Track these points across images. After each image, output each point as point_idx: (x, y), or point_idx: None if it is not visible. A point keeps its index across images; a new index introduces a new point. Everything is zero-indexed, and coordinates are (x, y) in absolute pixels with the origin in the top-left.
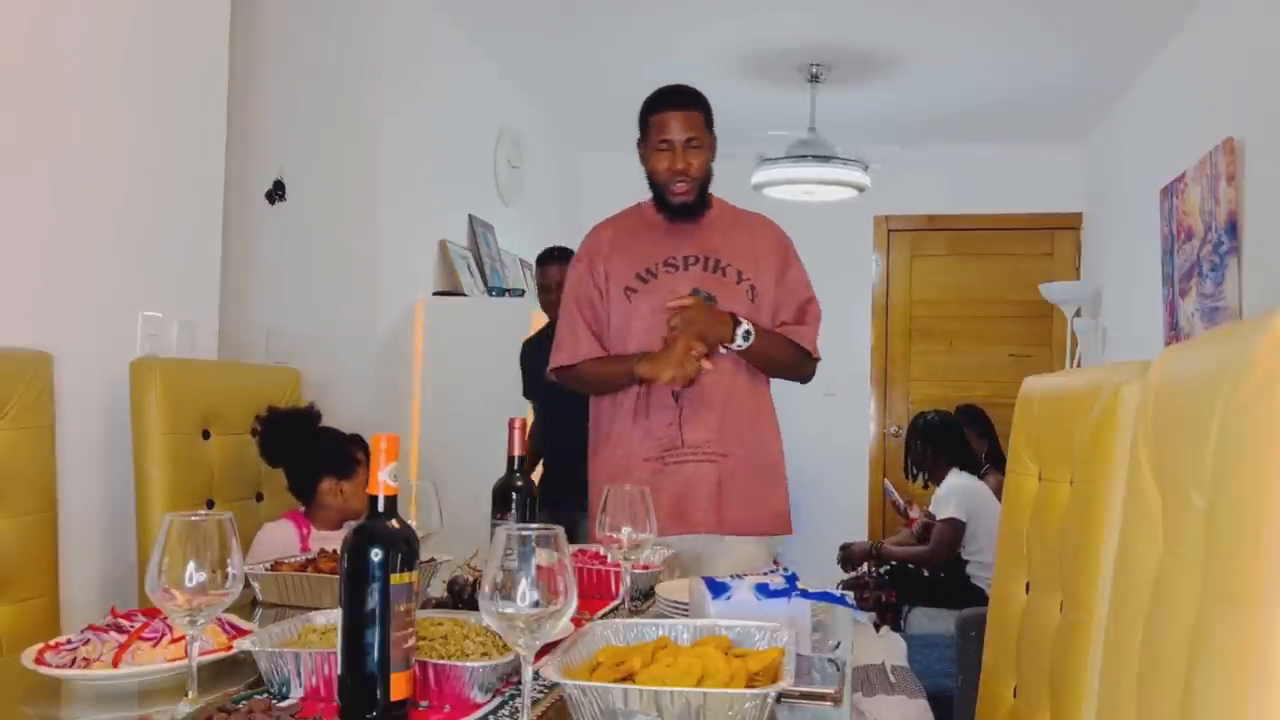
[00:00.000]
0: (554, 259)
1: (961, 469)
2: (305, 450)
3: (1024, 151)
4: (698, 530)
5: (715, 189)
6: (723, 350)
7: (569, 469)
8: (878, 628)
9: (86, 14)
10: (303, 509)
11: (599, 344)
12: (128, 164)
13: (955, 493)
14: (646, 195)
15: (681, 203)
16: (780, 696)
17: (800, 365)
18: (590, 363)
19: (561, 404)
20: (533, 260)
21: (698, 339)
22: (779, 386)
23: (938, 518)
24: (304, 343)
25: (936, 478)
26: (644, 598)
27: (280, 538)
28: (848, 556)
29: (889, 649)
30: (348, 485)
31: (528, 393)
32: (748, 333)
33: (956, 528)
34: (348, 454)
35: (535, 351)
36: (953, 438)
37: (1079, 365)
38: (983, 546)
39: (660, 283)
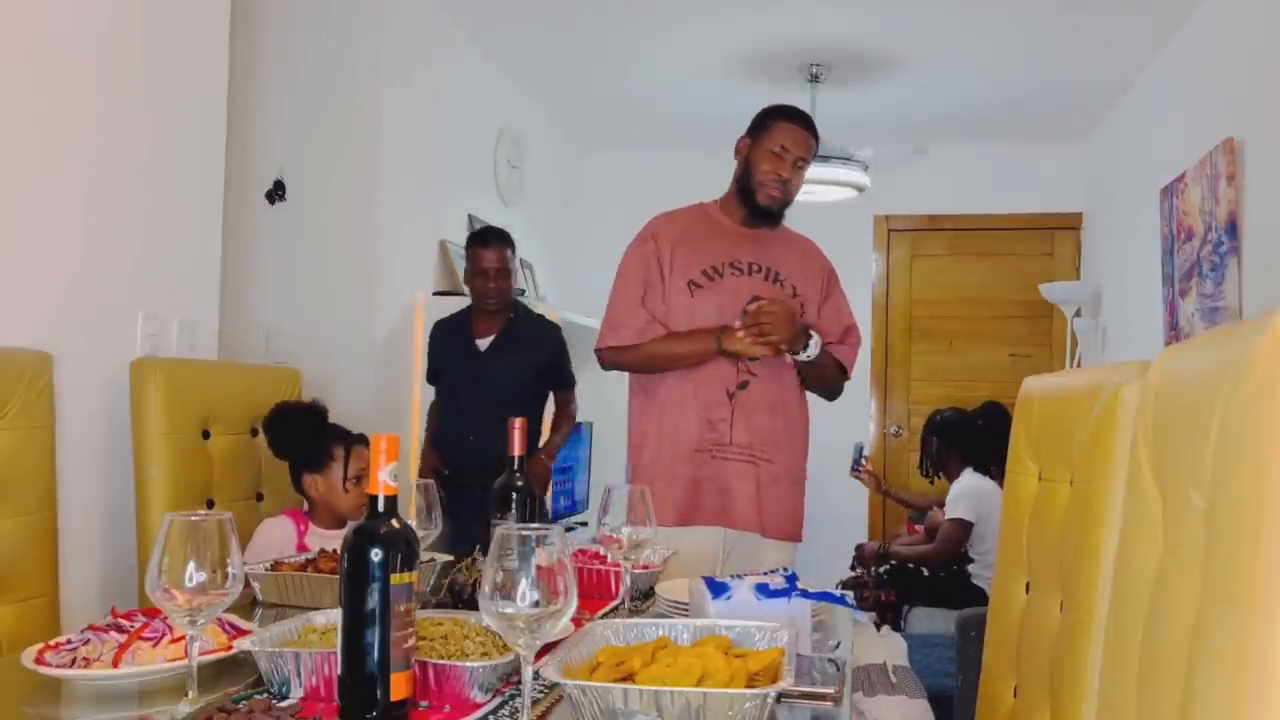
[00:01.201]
0: (490, 241)
1: (976, 468)
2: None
3: (1024, 151)
4: (740, 527)
5: (714, 189)
6: (789, 358)
7: (472, 457)
8: (878, 627)
9: (87, 15)
10: (305, 507)
11: (659, 325)
12: (128, 164)
13: (966, 494)
14: (648, 195)
15: (769, 207)
16: (780, 696)
17: (838, 385)
18: (659, 341)
19: (465, 394)
20: (533, 260)
21: (782, 334)
22: None
23: (947, 516)
24: (303, 343)
25: (950, 475)
26: (644, 598)
27: (277, 534)
28: (861, 558)
29: (890, 649)
30: (321, 480)
31: (429, 379)
32: (818, 344)
33: (964, 528)
34: (324, 448)
35: (436, 343)
36: (968, 436)
37: (1079, 365)
38: (990, 548)
39: (725, 283)
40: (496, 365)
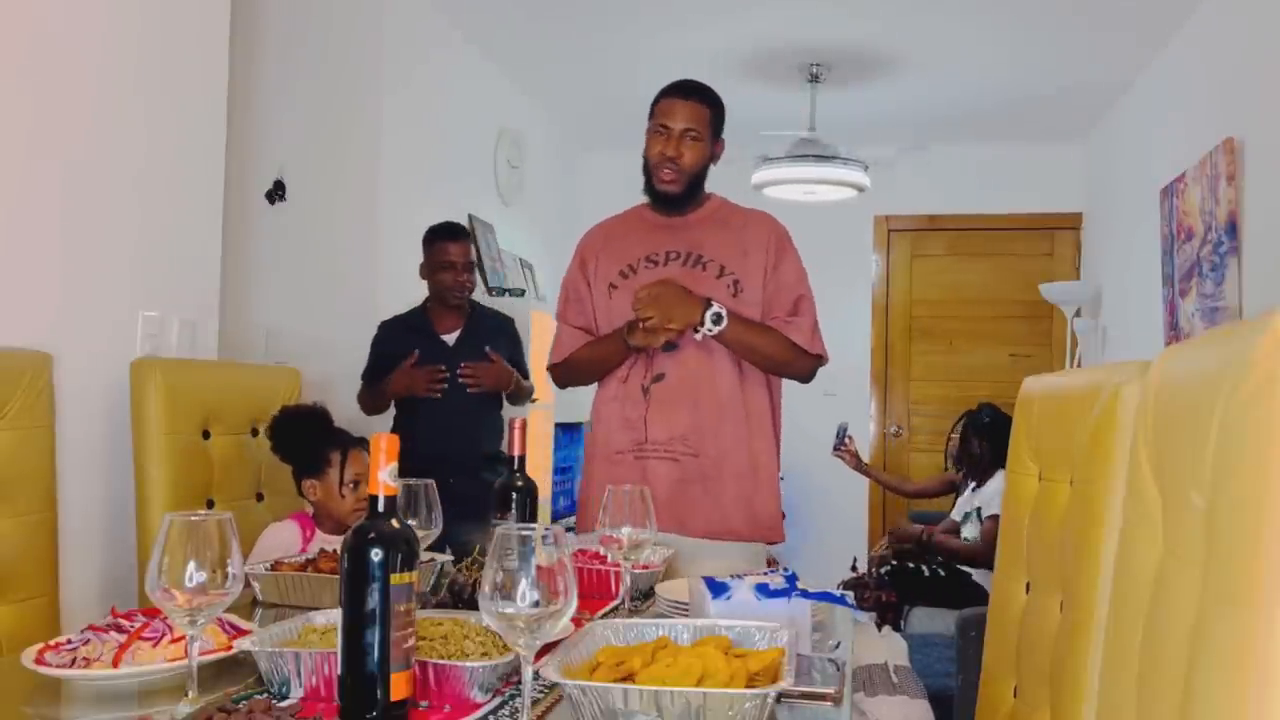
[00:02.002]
0: (457, 236)
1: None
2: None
3: (1024, 151)
4: (659, 528)
5: (714, 189)
6: (695, 336)
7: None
8: (879, 627)
9: (87, 15)
10: (311, 511)
11: (586, 335)
12: (128, 164)
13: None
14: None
15: (665, 191)
16: (780, 696)
17: (795, 360)
18: (580, 350)
19: (410, 401)
20: (533, 260)
21: (663, 314)
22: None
23: (987, 515)
24: (304, 343)
25: (982, 476)
26: (644, 598)
27: (284, 538)
28: (897, 536)
29: (891, 648)
30: (319, 485)
31: (372, 378)
32: (718, 315)
33: None
34: (321, 453)
35: (392, 338)
36: (1005, 437)
37: (1079, 365)
38: None
39: (639, 278)
40: (469, 357)
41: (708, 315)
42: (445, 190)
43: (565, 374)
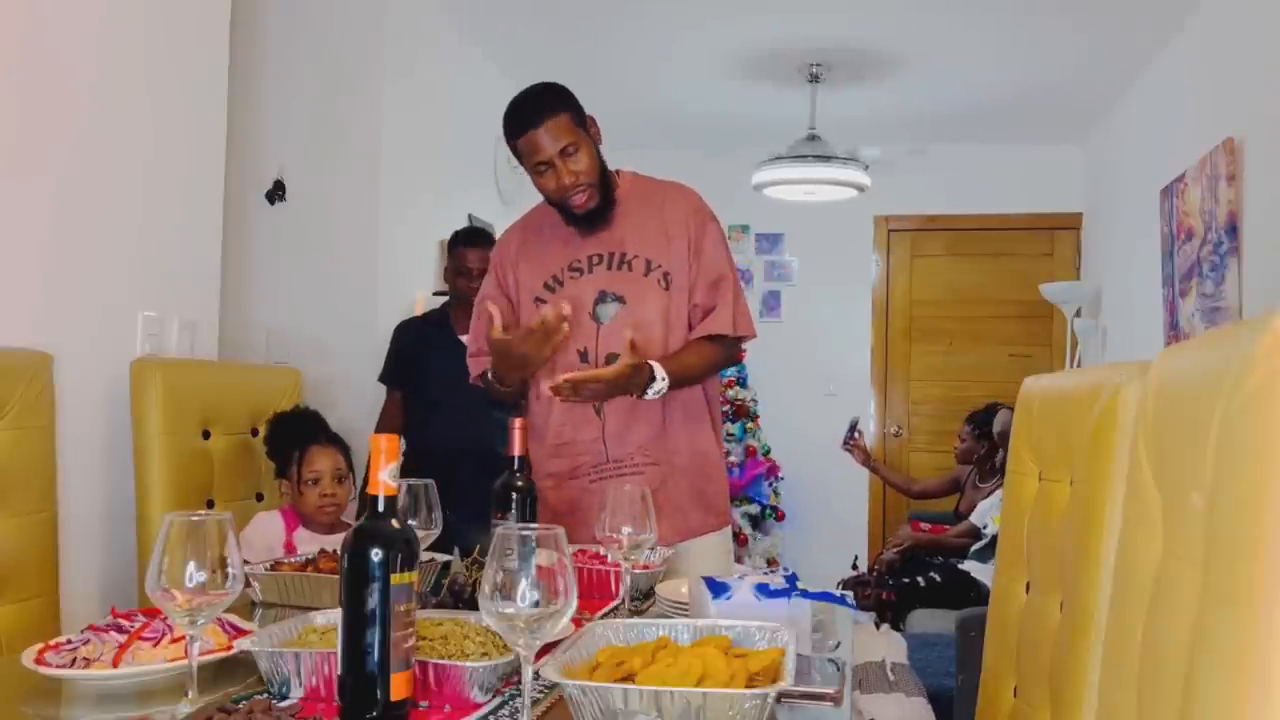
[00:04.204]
0: (477, 242)
1: None
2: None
3: (1024, 151)
4: None
5: (715, 189)
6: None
7: (440, 470)
8: (878, 626)
9: (87, 15)
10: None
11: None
12: (128, 164)
13: None
14: None
15: (586, 212)
16: (780, 696)
17: (723, 360)
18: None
19: (452, 390)
20: None
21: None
22: (771, 385)
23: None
24: (304, 343)
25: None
26: (644, 598)
27: (266, 529)
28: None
29: (889, 646)
30: (286, 483)
31: (390, 379)
32: (664, 378)
33: None
34: (287, 453)
35: (409, 337)
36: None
37: (1079, 365)
38: None
39: (566, 290)
40: None
41: (650, 391)
42: (445, 190)
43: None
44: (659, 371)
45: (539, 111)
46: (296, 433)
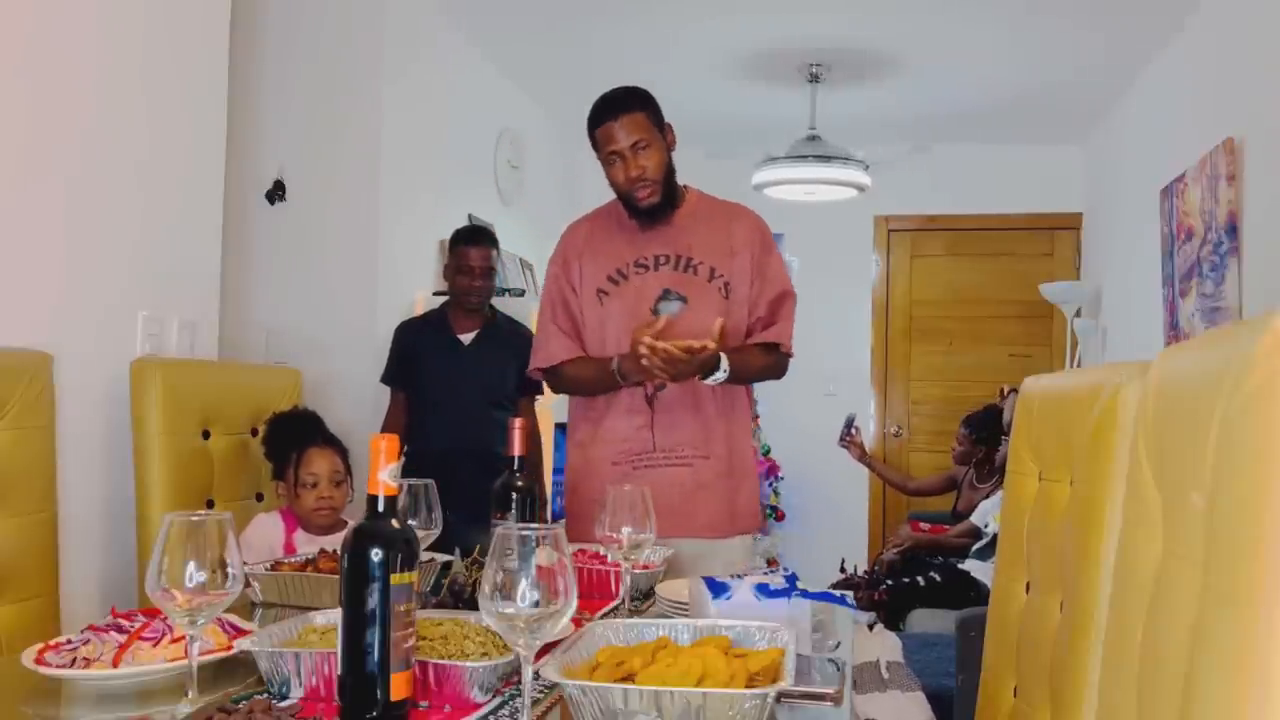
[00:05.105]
0: (479, 241)
1: None
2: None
3: (1024, 151)
4: (663, 534)
5: (715, 189)
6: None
7: (440, 471)
8: (870, 627)
9: (87, 15)
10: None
11: (576, 345)
12: (128, 164)
13: None
14: None
15: (648, 206)
16: (780, 696)
17: (775, 368)
18: (570, 365)
19: (448, 388)
20: (534, 260)
21: (684, 373)
22: (771, 385)
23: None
24: (304, 343)
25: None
26: (644, 598)
27: (267, 530)
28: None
29: (884, 646)
30: (283, 485)
31: (392, 380)
32: (726, 368)
33: None
34: (284, 456)
35: (410, 337)
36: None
37: (1079, 365)
38: None
39: (630, 285)
40: (483, 360)
41: (719, 371)
42: (445, 190)
43: (556, 383)
44: (724, 363)
45: (618, 106)
46: (294, 434)
